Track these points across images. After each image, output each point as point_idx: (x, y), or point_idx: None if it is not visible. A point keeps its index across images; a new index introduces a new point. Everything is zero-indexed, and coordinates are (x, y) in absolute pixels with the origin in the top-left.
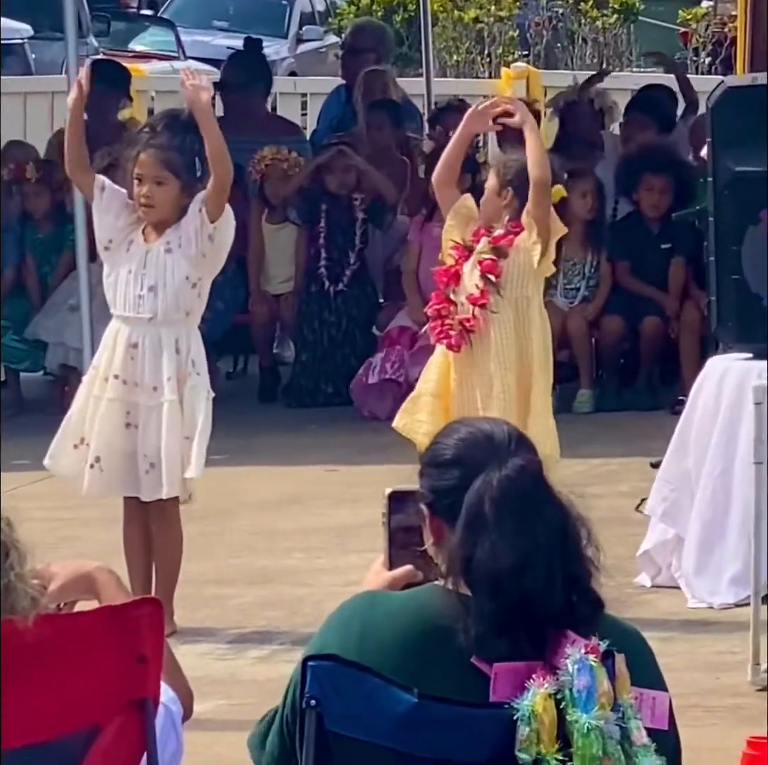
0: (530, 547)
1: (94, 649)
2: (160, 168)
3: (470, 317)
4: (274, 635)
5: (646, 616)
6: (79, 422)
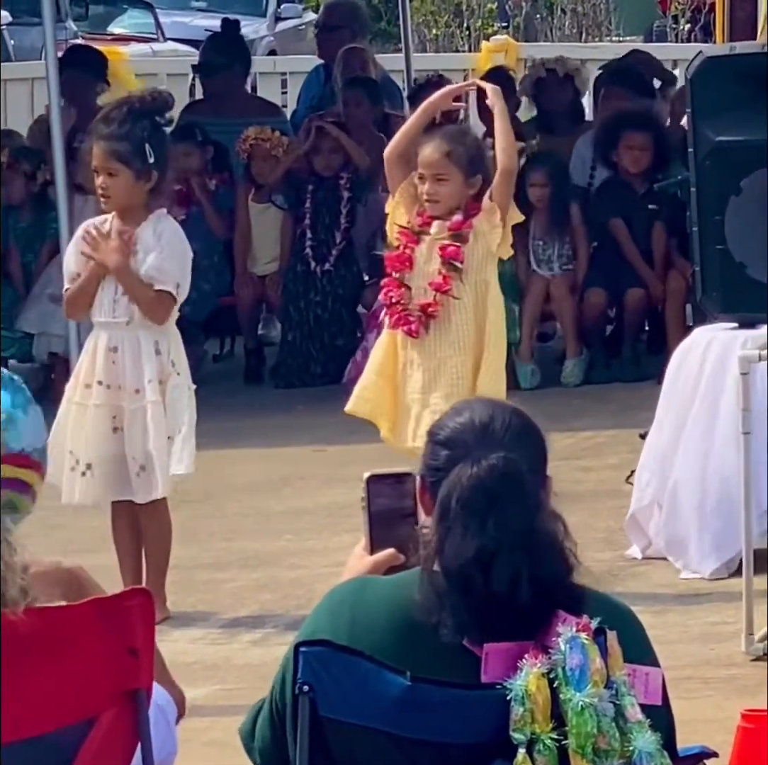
0: (493, 548)
1: (85, 641)
2: (109, 159)
3: (431, 303)
4: (268, 618)
5: (639, 589)
6: (63, 432)
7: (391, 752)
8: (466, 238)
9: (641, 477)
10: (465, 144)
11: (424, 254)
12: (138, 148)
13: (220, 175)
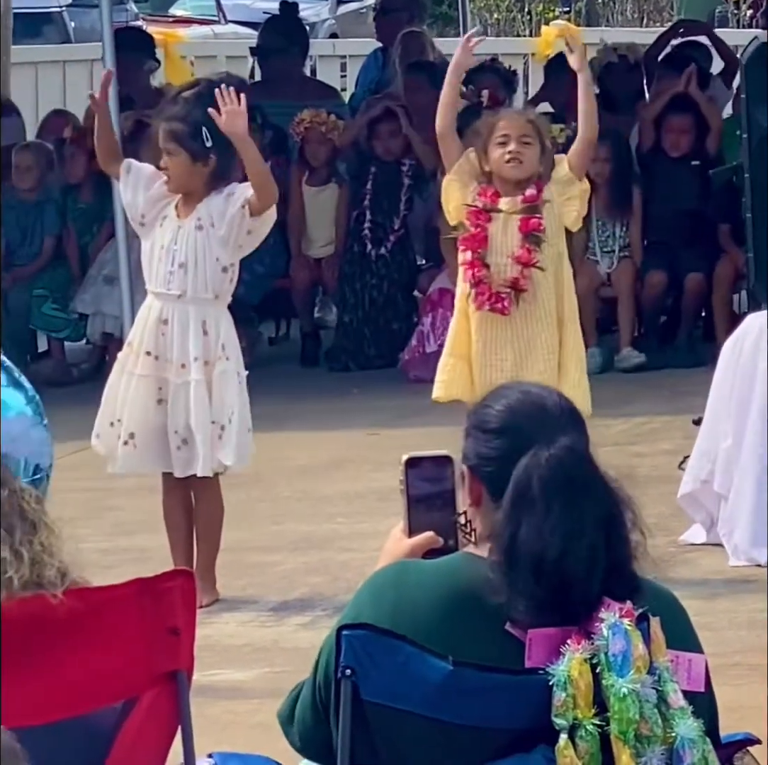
0: (575, 532)
1: (125, 621)
2: (167, 140)
3: (519, 277)
4: (317, 601)
5: (689, 576)
6: (113, 400)
7: (432, 737)
8: (540, 210)
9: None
10: (541, 123)
11: (500, 230)
12: (195, 130)
13: (277, 158)
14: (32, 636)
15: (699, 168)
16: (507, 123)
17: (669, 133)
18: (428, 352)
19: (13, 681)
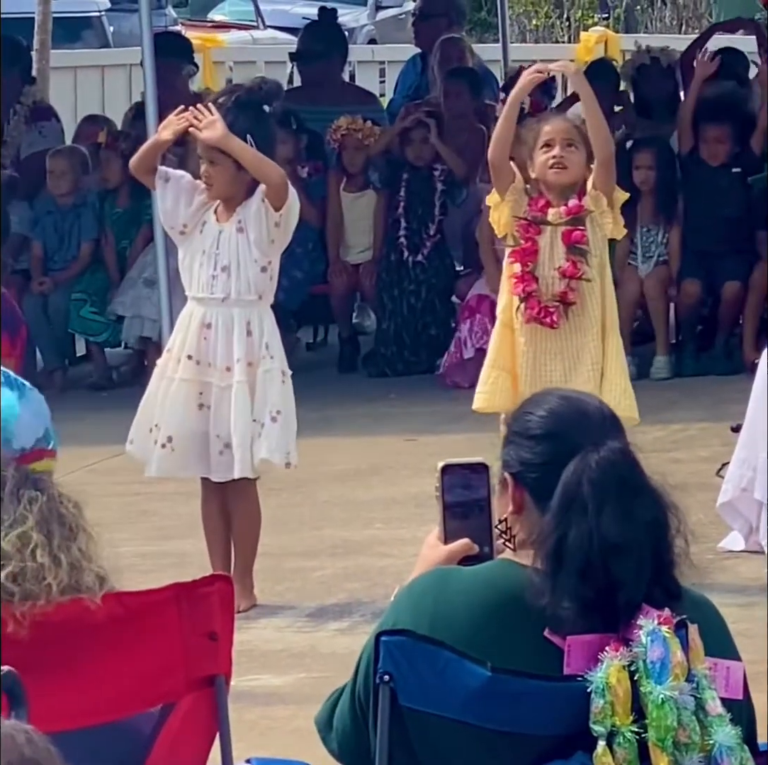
0: (626, 534)
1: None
2: (211, 148)
3: (567, 291)
4: (355, 607)
5: (727, 582)
6: (152, 406)
7: (471, 743)
8: (583, 221)
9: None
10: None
11: (548, 243)
12: (241, 137)
13: (314, 164)
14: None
15: (740, 175)
16: (551, 128)
17: (706, 143)
18: (466, 358)
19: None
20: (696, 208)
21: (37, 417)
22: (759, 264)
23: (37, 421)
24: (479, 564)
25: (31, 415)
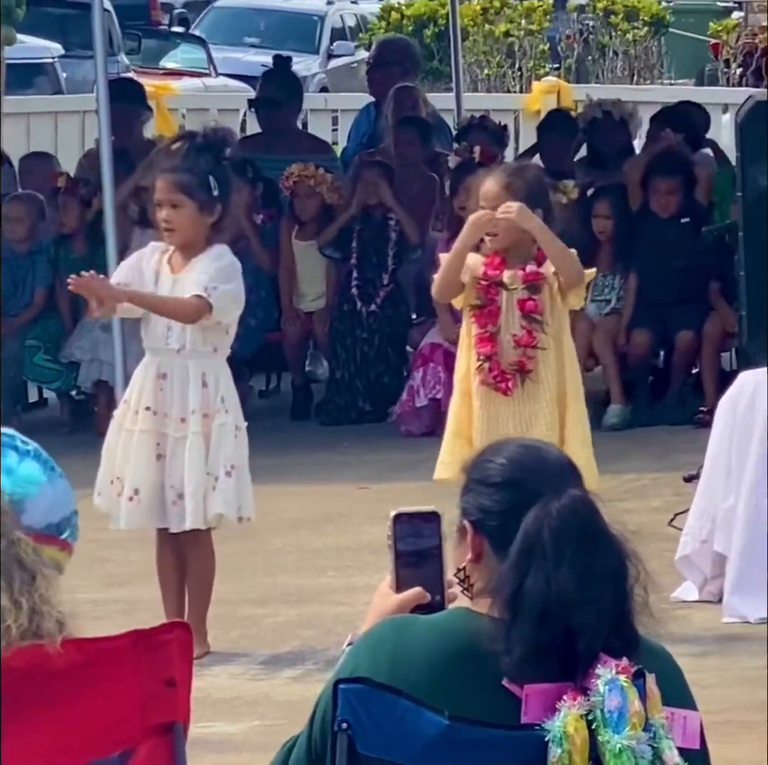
0: (586, 582)
1: (122, 672)
2: (173, 191)
3: (524, 360)
4: (308, 655)
5: (680, 632)
6: (113, 458)
7: None
8: (540, 288)
9: (694, 520)
10: (524, 178)
11: (505, 305)
12: (202, 180)
13: (269, 211)
14: (29, 686)
15: (690, 225)
16: (482, 193)
17: (656, 195)
18: (419, 406)
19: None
20: (647, 259)
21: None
22: (711, 314)
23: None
24: (431, 613)
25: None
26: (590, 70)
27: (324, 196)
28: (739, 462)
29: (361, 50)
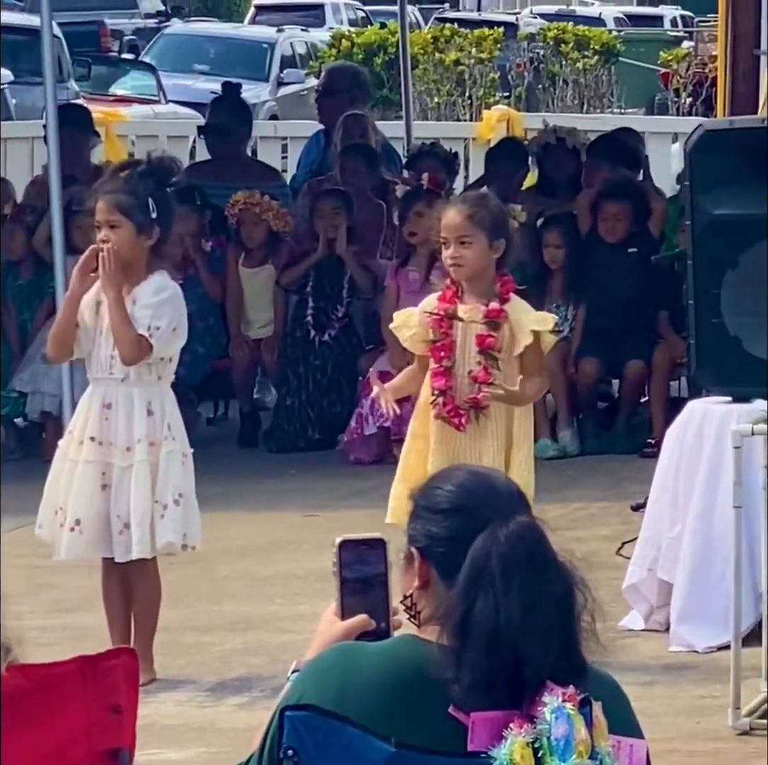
0: (534, 609)
1: (68, 698)
2: (112, 212)
3: (478, 398)
4: (255, 682)
5: (627, 661)
6: (56, 489)
7: None
8: (501, 326)
9: (641, 548)
10: (487, 207)
11: (460, 338)
12: (141, 202)
13: (217, 238)
14: None
15: (637, 255)
16: (445, 224)
17: (605, 220)
18: (367, 435)
19: None
20: (596, 287)
21: None
22: (660, 344)
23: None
24: (376, 640)
25: None
26: (540, 98)
27: (270, 223)
28: (686, 491)
29: (311, 78)
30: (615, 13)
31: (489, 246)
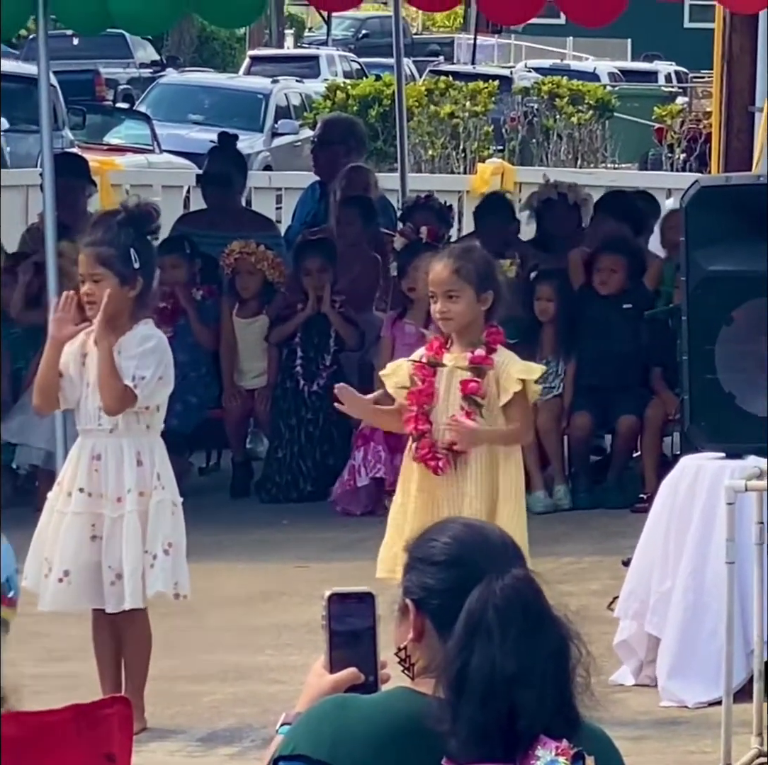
0: (529, 661)
1: (62, 746)
2: (94, 265)
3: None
4: (245, 732)
5: (618, 716)
6: (43, 541)
7: None
8: (485, 373)
9: (624, 600)
10: (473, 260)
11: (444, 385)
12: (123, 253)
13: (208, 287)
14: None
15: (631, 311)
16: (432, 278)
17: (600, 272)
18: (359, 486)
19: None
20: (588, 342)
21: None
22: (653, 400)
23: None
24: (365, 693)
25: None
26: (534, 152)
27: (265, 273)
28: (677, 546)
29: (306, 129)
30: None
31: (476, 299)
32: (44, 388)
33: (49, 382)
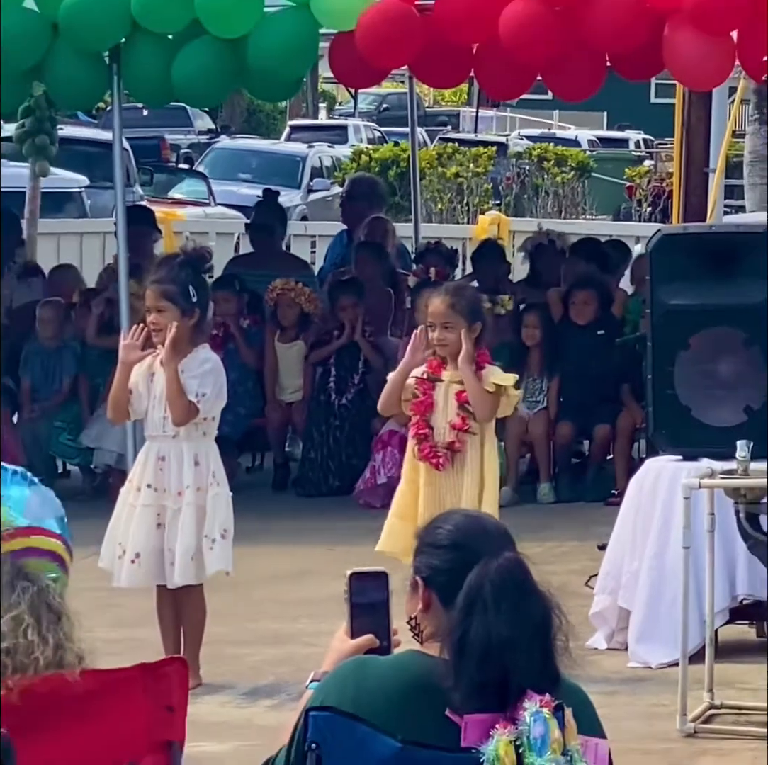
0: (519, 628)
1: (131, 698)
2: (159, 299)
3: (455, 441)
4: (283, 687)
5: (593, 674)
6: (117, 529)
7: None
8: None
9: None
10: (465, 297)
11: (442, 397)
12: (183, 289)
13: (254, 317)
14: (54, 709)
15: (604, 337)
16: (431, 311)
17: (575, 305)
18: (379, 483)
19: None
20: (569, 363)
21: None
22: (623, 411)
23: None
24: (380, 655)
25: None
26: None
27: (302, 305)
28: (643, 534)
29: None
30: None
31: (468, 329)
32: (116, 404)
33: (119, 398)
